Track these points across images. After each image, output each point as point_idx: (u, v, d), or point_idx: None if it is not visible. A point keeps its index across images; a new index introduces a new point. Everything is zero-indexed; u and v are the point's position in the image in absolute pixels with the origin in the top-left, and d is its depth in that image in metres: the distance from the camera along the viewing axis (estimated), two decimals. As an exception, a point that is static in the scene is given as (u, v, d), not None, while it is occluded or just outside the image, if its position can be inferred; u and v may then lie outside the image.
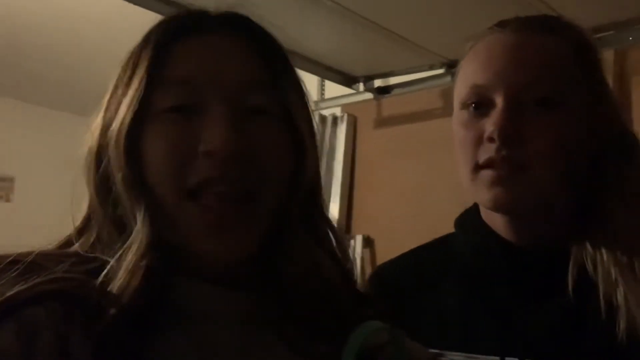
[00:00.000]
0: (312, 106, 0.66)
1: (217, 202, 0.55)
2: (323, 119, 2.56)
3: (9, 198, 3.70)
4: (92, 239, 0.58)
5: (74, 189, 0.62)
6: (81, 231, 0.60)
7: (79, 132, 0.62)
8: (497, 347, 0.74)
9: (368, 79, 2.27)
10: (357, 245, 2.38)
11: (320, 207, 0.66)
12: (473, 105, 0.77)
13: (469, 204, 0.88)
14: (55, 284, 0.51)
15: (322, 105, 2.55)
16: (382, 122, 2.44)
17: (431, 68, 2.02)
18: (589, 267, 0.73)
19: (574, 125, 0.76)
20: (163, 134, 0.56)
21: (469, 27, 0.84)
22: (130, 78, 0.59)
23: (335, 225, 0.67)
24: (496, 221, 0.81)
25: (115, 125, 0.57)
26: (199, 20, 0.62)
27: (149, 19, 0.64)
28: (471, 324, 0.78)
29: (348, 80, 2.28)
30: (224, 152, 0.54)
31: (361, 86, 2.30)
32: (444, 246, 0.90)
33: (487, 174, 0.75)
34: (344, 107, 2.51)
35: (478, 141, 0.76)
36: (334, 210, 2.47)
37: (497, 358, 0.74)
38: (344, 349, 0.56)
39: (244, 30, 0.62)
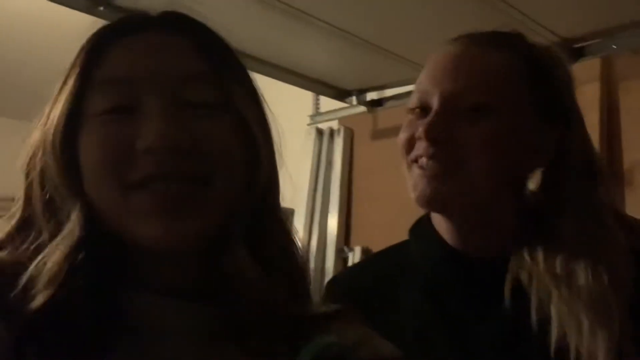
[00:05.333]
0: (263, 104, 0.64)
1: (162, 191, 0.54)
2: (320, 132, 2.60)
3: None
4: (32, 241, 0.57)
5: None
6: (19, 232, 0.58)
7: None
8: (446, 356, 0.76)
9: (361, 92, 2.31)
10: (356, 256, 2.41)
11: (274, 214, 0.64)
12: (417, 109, 0.81)
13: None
14: None
15: (318, 119, 2.58)
16: (378, 134, 2.46)
17: (422, 81, 2.05)
18: (524, 278, 0.75)
19: (510, 134, 0.78)
20: (97, 136, 0.55)
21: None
22: (65, 82, 0.58)
23: (295, 234, 0.65)
24: (442, 228, 0.83)
25: (49, 130, 0.57)
26: (136, 22, 0.61)
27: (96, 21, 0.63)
28: (424, 331, 0.80)
29: (341, 94, 2.32)
30: (162, 147, 0.53)
31: (354, 100, 2.34)
32: (400, 254, 0.91)
33: (416, 171, 0.79)
34: (341, 120, 2.55)
35: (412, 140, 0.80)
36: (332, 222, 2.50)
37: None
38: None
39: (183, 28, 0.61)
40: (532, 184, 0.83)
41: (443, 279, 0.83)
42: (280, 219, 0.64)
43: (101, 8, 1.55)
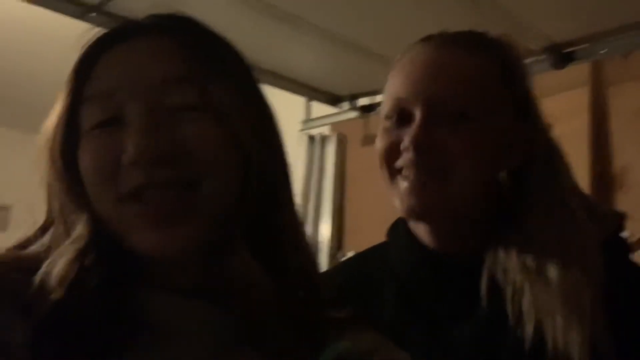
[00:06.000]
0: (259, 98, 0.63)
1: (154, 201, 0.54)
2: (311, 138, 2.60)
3: (5, 227, 3.70)
4: (50, 242, 0.59)
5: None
6: (42, 234, 0.61)
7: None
8: (425, 356, 0.76)
9: (353, 97, 2.31)
10: (349, 261, 2.40)
11: (282, 212, 0.63)
12: (395, 117, 0.80)
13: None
14: None
15: (310, 125, 2.59)
16: (371, 139, 2.45)
17: (413, 86, 2.06)
18: (500, 275, 0.75)
19: (492, 139, 0.78)
20: (89, 152, 0.56)
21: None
22: (61, 97, 0.59)
23: (307, 232, 0.65)
24: (419, 230, 0.83)
25: (48, 145, 0.59)
26: (124, 30, 0.61)
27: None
28: (403, 333, 0.78)
29: (333, 99, 2.32)
30: (144, 159, 0.53)
31: (346, 105, 2.34)
32: (379, 255, 0.91)
33: (402, 185, 0.78)
34: (332, 126, 2.55)
35: (395, 149, 0.79)
36: (325, 228, 2.49)
37: None
38: None
39: (169, 28, 0.60)
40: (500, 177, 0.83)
41: (420, 280, 0.83)
42: (291, 218, 0.64)
43: (93, 14, 1.55)
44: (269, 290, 0.58)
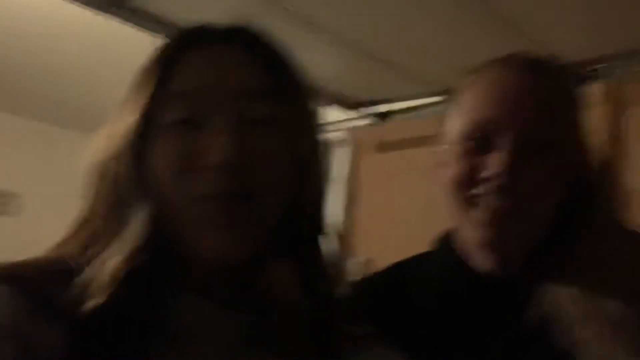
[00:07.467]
0: (319, 122, 0.67)
1: (221, 205, 0.57)
2: (325, 142, 2.60)
3: (15, 214, 3.73)
4: (91, 243, 0.60)
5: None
6: (79, 233, 0.61)
7: (85, 149, 0.64)
8: None
9: (369, 104, 2.32)
10: (358, 267, 2.41)
11: (320, 228, 0.66)
12: (475, 141, 0.76)
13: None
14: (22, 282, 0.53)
15: (325, 129, 2.60)
16: (383, 146, 2.47)
17: (428, 96, 2.07)
18: (548, 301, 0.74)
19: (570, 167, 0.77)
20: (167, 148, 0.58)
21: (464, 59, 0.87)
22: (138, 91, 0.61)
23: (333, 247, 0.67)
24: (474, 248, 0.81)
25: (122, 136, 0.60)
26: (204, 34, 0.64)
27: (149, 40, 0.64)
28: (440, 347, 0.79)
29: (349, 105, 2.33)
30: (225, 165, 0.56)
31: (362, 111, 2.35)
32: (422, 264, 0.90)
33: (481, 213, 0.76)
34: (347, 131, 2.56)
35: (474, 176, 0.76)
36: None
37: None
38: None
39: (249, 42, 0.63)
40: None
41: (458, 295, 0.83)
42: (322, 231, 0.66)
43: (113, 8, 1.58)
44: (300, 302, 0.61)
